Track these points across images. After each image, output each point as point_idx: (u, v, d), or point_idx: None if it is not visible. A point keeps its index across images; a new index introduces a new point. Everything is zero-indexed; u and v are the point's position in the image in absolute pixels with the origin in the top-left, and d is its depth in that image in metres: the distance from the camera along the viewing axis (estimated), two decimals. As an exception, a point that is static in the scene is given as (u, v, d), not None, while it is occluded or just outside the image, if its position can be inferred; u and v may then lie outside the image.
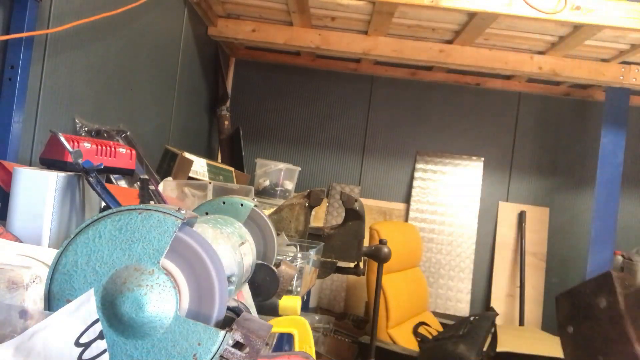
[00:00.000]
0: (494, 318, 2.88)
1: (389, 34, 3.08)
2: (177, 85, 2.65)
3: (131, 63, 2.08)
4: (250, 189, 2.13)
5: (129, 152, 1.27)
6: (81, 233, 0.61)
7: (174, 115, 2.65)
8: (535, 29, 2.71)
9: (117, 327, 0.57)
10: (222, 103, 3.44)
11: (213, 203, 1.13)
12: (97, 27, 1.72)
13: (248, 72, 3.83)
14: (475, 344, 2.47)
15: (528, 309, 3.65)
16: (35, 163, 1.41)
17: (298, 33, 3.13)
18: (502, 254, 3.78)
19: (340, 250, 2.01)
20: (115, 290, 0.57)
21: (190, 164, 2.35)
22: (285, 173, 2.95)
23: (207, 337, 0.58)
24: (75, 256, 0.60)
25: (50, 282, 0.60)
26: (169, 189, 1.85)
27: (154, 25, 2.26)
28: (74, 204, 1.05)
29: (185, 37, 2.70)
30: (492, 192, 3.83)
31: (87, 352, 0.54)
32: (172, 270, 0.60)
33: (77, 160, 1.04)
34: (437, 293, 3.72)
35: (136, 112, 2.19)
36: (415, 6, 2.49)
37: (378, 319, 2.59)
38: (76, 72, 1.66)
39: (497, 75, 3.60)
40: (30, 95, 1.42)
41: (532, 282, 3.71)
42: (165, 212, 0.61)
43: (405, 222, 3.72)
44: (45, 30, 1.44)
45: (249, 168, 3.33)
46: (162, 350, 0.57)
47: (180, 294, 0.60)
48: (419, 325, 2.91)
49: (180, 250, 0.61)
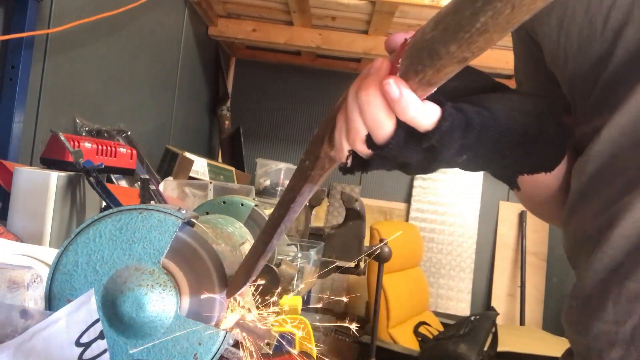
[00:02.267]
0: (494, 318, 2.88)
1: (389, 33, 3.08)
2: (178, 85, 2.65)
3: (132, 63, 2.08)
4: (250, 188, 2.13)
5: (130, 151, 1.27)
6: (82, 233, 0.61)
7: (175, 115, 2.65)
8: (535, 28, 2.71)
9: (118, 327, 0.57)
10: (222, 103, 3.44)
11: (213, 203, 1.13)
12: (98, 27, 1.72)
13: (248, 71, 3.83)
14: (476, 344, 2.46)
15: (529, 309, 3.65)
16: (36, 163, 1.41)
17: (298, 33, 3.13)
18: (503, 253, 3.78)
19: (341, 250, 2.01)
20: (116, 290, 0.57)
21: (191, 163, 2.35)
22: (285, 173, 2.95)
23: (207, 337, 0.58)
24: (75, 256, 0.60)
25: (51, 281, 0.60)
26: (170, 189, 1.85)
27: (155, 25, 2.26)
28: (75, 204, 1.05)
29: (186, 37, 2.70)
30: (492, 192, 3.83)
31: (87, 351, 0.54)
32: (172, 270, 0.60)
33: (77, 160, 1.04)
34: (438, 293, 3.72)
35: (137, 112, 2.19)
36: (415, 6, 2.49)
37: (379, 319, 2.59)
38: (77, 72, 1.66)
39: (498, 74, 3.60)
40: (31, 95, 1.42)
41: (533, 281, 3.71)
42: (165, 211, 0.61)
43: (406, 222, 3.72)
44: (46, 30, 1.44)
45: (250, 168, 3.33)
46: (163, 350, 0.57)
47: (181, 294, 0.60)
48: (420, 324, 2.91)
49: (180, 250, 0.61)
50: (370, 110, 0.44)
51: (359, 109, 0.44)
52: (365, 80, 0.44)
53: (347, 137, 0.46)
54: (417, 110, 0.42)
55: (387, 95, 0.42)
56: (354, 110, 0.45)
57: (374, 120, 0.44)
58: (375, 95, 0.43)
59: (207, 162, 2.52)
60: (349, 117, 0.45)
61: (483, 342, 2.58)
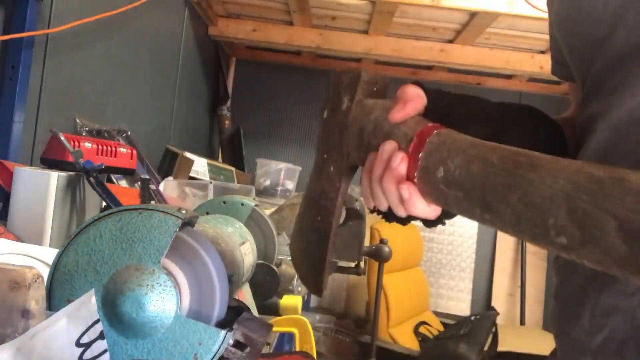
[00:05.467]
0: (494, 317, 2.88)
1: (389, 33, 3.08)
2: (178, 85, 2.65)
3: (132, 63, 2.08)
4: (251, 188, 2.13)
5: (130, 151, 1.27)
6: (82, 233, 0.61)
7: (175, 115, 2.65)
8: (536, 28, 2.71)
9: (118, 327, 0.57)
10: (222, 103, 3.44)
11: (214, 203, 1.13)
12: (98, 27, 1.72)
13: (248, 71, 3.83)
14: (476, 344, 2.47)
15: (529, 309, 3.65)
16: (36, 163, 1.41)
17: (298, 32, 3.13)
18: (503, 253, 3.78)
19: (341, 249, 2.01)
20: (116, 290, 0.57)
21: (191, 163, 2.35)
22: (286, 173, 2.95)
23: (207, 337, 0.58)
24: (76, 256, 0.60)
25: (51, 281, 0.60)
26: (170, 189, 1.85)
27: (155, 25, 2.26)
28: (75, 204, 1.05)
29: (186, 37, 2.70)
30: (492, 192, 3.82)
31: (87, 352, 0.54)
32: (172, 270, 0.60)
33: (77, 160, 1.04)
34: (438, 292, 3.72)
35: (137, 112, 2.19)
36: (415, 5, 2.49)
37: (379, 319, 2.59)
38: (77, 72, 1.66)
39: (498, 74, 3.60)
40: (31, 95, 1.42)
41: (533, 281, 3.71)
42: (166, 211, 0.61)
43: (406, 222, 3.71)
44: (46, 30, 1.44)
45: (250, 168, 3.33)
46: (163, 350, 0.57)
47: (181, 294, 0.60)
48: (420, 324, 2.91)
49: (181, 250, 0.61)
50: (389, 198, 0.53)
51: (381, 190, 0.53)
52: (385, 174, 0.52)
53: (372, 199, 0.55)
54: (421, 211, 0.51)
55: (400, 193, 0.50)
56: (377, 188, 0.53)
57: (392, 204, 0.53)
58: (393, 190, 0.51)
59: (208, 162, 2.52)
60: (373, 189, 0.54)
61: (483, 342, 2.58)
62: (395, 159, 0.50)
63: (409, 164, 0.49)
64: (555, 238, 0.35)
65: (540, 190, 0.36)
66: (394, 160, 0.50)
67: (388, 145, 0.51)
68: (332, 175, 0.57)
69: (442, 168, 0.46)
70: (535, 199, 0.36)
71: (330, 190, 0.57)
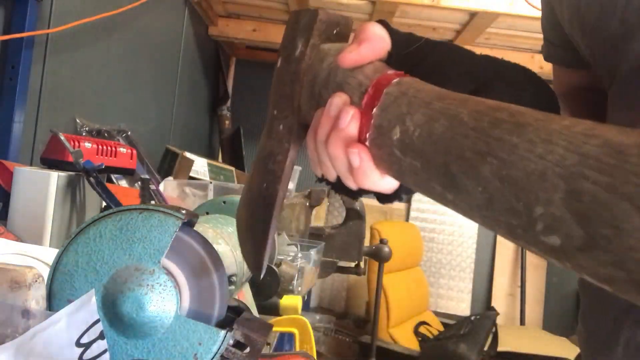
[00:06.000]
0: (494, 317, 2.88)
1: (389, 33, 3.08)
2: (178, 85, 2.65)
3: (132, 63, 2.08)
4: (250, 188, 2.12)
5: (130, 151, 1.27)
6: (82, 233, 0.61)
7: (175, 115, 2.65)
8: (536, 28, 2.70)
9: (118, 327, 0.57)
10: (222, 103, 3.44)
11: (214, 203, 1.13)
12: (98, 27, 1.72)
13: (249, 71, 3.83)
14: (476, 344, 2.47)
15: (529, 309, 3.65)
16: (36, 163, 1.41)
17: (298, 33, 3.12)
18: (503, 253, 3.78)
19: (341, 249, 2.01)
20: (116, 290, 0.57)
21: (191, 163, 2.35)
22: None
23: (207, 337, 0.58)
24: (76, 256, 0.60)
25: (51, 281, 0.60)
26: (170, 189, 1.85)
27: (155, 25, 2.26)
28: (75, 204, 1.05)
29: (186, 37, 2.70)
30: (492, 192, 3.82)
31: (87, 352, 0.54)
32: (172, 270, 0.60)
33: (77, 160, 1.04)
34: (438, 292, 3.72)
35: (137, 112, 2.19)
36: (415, 5, 2.49)
37: (379, 319, 2.59)
38: (77, 72, 1.66)
39: (498, 74, 3.59)
40: (31, 95, 1.42)
41: (533, 281, 3.71)
42: (166, 211, 0.61)
43: (406, 222, 3.72)
44: (46, 30, 1.44)
45: (250, 168, 3.33)
46: (163, 350, 0.57)
47: (181, 294, 0.60)
48: (420, 324, 2.91)
49: (181, 250, 0.61)
50: (336, 165, 0.42)
51: (328, 156, 0.42)
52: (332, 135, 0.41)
53: (320, 166, 0.45)
54: (373, 184, 0.41)
55: (349, 160, 0.40)
56: (323, 153, 0.43)
57: (341, 173, 0.42)
58: (341, 156, 0.41)
59: (208, 162, 2.52)
60: (320, 154, 0.43)
61: (483, 342, 2.58)
62: (344, 116, 0.39)
63: (360, 123, 0.39)
64: (542, 235, 0.24)
65: (526, 162, 0.25)
66: (342, 118, 0.39)
67: (337, 98, 0.40)
68: (281, 135, 0.47)
69: (398, 128, 0.35)
70: (517, 173, 0.25)
71: (279, 152, 0.47)
